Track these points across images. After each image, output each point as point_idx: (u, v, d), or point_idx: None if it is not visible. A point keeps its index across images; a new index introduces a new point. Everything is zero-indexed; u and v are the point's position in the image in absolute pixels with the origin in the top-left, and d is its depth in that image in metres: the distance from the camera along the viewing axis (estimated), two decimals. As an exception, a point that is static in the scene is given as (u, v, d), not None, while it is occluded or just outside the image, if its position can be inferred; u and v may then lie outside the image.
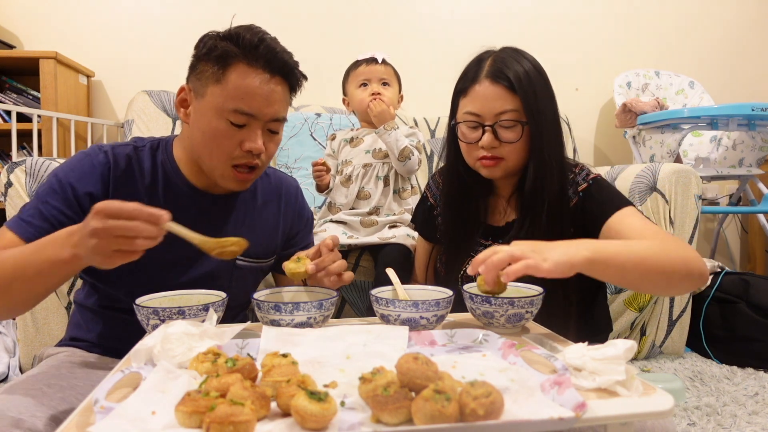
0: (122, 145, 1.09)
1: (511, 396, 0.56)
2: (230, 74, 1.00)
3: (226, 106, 1.00)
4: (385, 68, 1.81)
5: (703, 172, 2.58)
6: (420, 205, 1.39)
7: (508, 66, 1.11)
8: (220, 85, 1.00)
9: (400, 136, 1.68)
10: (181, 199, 1.09)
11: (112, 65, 2.74)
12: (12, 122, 2.31)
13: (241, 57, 1.00)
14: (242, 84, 0.99)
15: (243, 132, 1.02)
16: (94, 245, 0.78)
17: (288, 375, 0.58)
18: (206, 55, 1.01)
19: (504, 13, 2.97)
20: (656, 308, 2.04)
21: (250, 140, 1.02)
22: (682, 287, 1.03)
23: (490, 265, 0.84)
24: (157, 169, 1.09)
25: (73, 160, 1.05)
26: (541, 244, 0.89)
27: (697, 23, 3.12)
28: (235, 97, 0.99)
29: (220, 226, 1.13)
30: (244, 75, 1.00)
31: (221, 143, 1.02)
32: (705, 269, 0.99)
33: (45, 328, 1.71)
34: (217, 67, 1.00)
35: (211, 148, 1.03)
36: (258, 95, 1.01)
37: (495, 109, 1.11)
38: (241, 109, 1.00)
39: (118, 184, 1.05)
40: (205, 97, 1.01)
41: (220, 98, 1.00)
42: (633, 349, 0.62)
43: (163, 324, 0.73)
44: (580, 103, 3.01)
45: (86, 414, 0.55)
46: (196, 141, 1.05)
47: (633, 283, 0.99)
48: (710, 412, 1.55)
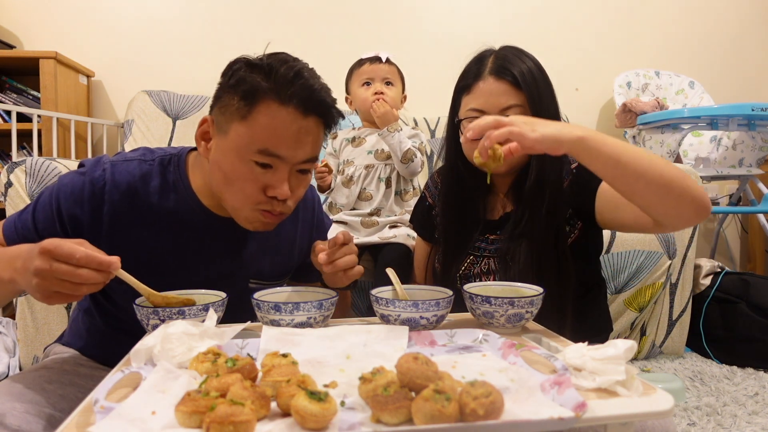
0: (126, 161, 0.99)
1: (511, 396, 0.56)
2: (258, 112, 0.88)
3: (252, 147, 0.89)
4: (389, 67, 1.80)
5: (703, 172, 2.58)
6: (418, 205, 1.38)
7: (511, 62, 1.12)
8: (246, 123, 0.89)
9: (403, 138, 1.68)
10: (193, 222, 1.00)
11: (112, 65, 2.74)
12: (12, 122, 2.32)
13: (273, 94, 0.88)
14: (271, 124, 0.88)
15: (268, 175, 0.91)
16: (36, 284, 0.74)
17: (288, 375, 0.58)
18: (233, 87, 0.90)
19: (504, 13, 2.97)
20: (656, 308, 2.04)
21: (275, 185, 0.91)
22: (683, 207, 0.91)
23: (478, 129, 0.85)
24: (168, 188, 0.99)
25: (72, 178, 0.97)
26: (535, 118, 0.89)
27: (697, 23, 3.12)
28: (262, 138, 0.89)
29: (240, 251, 1.05)
30: (274, 114, 0.88)
31: (244, 187, 0.91)
32: (705, 195, 0.92)
33: (45, 328, 1.71)
34: (245, 102, 0.89)
35: (233, 191, 0.93)
36: (288, 137, 0.89)
37: (500, 105, 1.10)
38: (268, 150, 0.89)
39: (114, 207, 0.96)
40: (229, 134, 0.91)
41: (245, 138, 0.89)
42: (633, 349, 0.62)
43: (163, 324, 0.73)
44: (580, 103, 3.01)
45: (86, 414, 0.55)
46: (216, 180, 0.95)
47: (627, 183, 0.90)
48: (710, 412, 1.55)
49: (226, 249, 1.04)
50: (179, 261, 1.00)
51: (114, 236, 0.96)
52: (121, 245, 0.93)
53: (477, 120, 0.89)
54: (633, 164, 0.87)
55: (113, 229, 0.96)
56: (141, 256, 0.96)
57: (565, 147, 0.86)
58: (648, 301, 1.97)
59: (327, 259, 0.95)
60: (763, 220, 2.74)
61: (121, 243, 0.95)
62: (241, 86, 0.89)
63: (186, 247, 1.00)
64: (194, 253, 1.01)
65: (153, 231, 0.98)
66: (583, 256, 1.17)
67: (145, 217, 0.98)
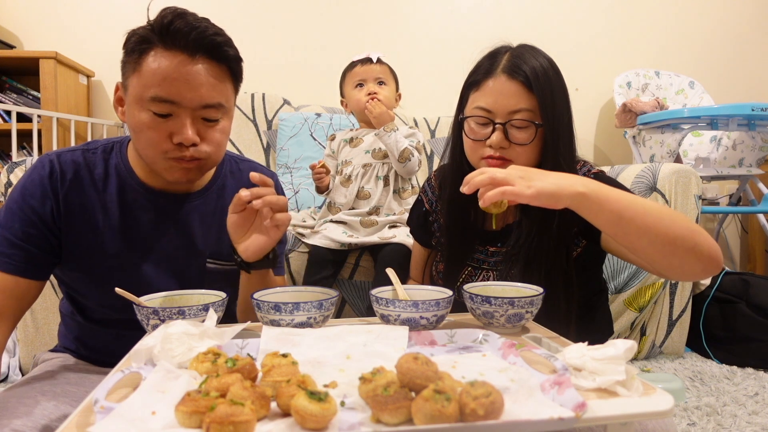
0: (70, 151, 1.04)
1: (511, 396, 0.56)
2: (146, 61, 0.91)
3: (145, 96, 0.91)
4: (380, 67, 1.80)
5: (703, 172, 2.58)
6: (415, 209, 1.33)
7: (525, 62, 1.05)
8: (138, 74, 0.92)
9: (399, 138, 1.68)
10: (138, 201, 1.04)
11: (112, 65, 2.72)
12: (12, 122, 2.32)
13: (157, 41, 0.91)
14: (158, 70, 0.90)
15: (170, 123, 0.93)
16: None
17: (288, 375, 0.58)
18: (126, 44, 0.94)
19: (504, 12, 2.97)
20: (656, 308, 2.04)
21: (177, 131, 0.93)
22: (689, 263, 0.87)
23: (473, 186, 0.84)
24: (109, 173, 1.03)
25: (25, 179, 1.01)
26: (534, 170, 0.85)
27: (697, 23, 3.12)
28: (152, 84, 0.91)
29: (185, 227, 1.08)
30: (160, 60, 0.90)
31: (149, 136, 0.93)
32: (717, 250, 0.87)
33: (45, 328, 1.71)
34: (137, 55, 0.92)
35: (142, 142, 0.95)
36: (177, 79, 0.91)
37: (509, 107, 1.04)
38: (159, 96, 0.91)
39: (67, 193, 1.00)
40: (128, 89, 0.95)
41: (138, 88, 0.92)
42: (633, 349, 0.62)
43: (163, 324, 0.73)
44: (580, 103, 2.99)
45: (86, 414, 0.55)
46: (133, 140, 0.99)
47: (630, 239, 0.86)
48: (710, 412, 1.55)
49: (172, 225, 1.06)
50: (129, 240, 1.04)
51: (71, 223, 1.00)
52: (77, 230, 1.00)
53: (471, 175, 0.86)
54: (636, 221, 0.84)
55: (69, 215, 1.00)
56: (93, 240, 1.01)
57: (564, 202, 0.83)
58: (648, 301, 1.97)
59: (251, 194, 0.92)
60: (763, 220, 2.74)
61: (77, 228, 1.00)
62: (132, 40, 0.93)
63: (134, 227, 1.04)
64: (143, 231, 1.04)
65: (102, 214, 1.02)
66: (587, 269, 1.14)
67: (93, 201, 1.02)
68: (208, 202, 1.10)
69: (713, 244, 0.87)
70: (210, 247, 1.09)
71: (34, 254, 0.97)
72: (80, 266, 1.02)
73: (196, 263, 1.09)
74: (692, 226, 0.87)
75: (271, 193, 0.93)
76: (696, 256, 0.86)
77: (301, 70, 2.76)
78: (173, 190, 1.06)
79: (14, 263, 0.96)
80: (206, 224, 1.09)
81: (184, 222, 1.08)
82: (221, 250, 1.09)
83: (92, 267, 1.02)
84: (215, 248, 1.10)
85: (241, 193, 0.92)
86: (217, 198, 1.12)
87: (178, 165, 0.96)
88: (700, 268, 0.88)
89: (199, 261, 1.09)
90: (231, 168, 1.16)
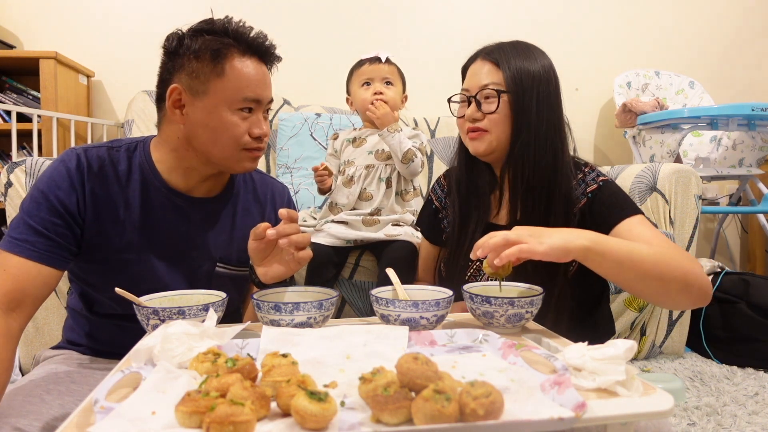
0: (96, 147, 1.08)
1: (511, 396, 0.56)
2: (230, 67, 1.01)
3: (237, 97, 1.02)
4: (388, 67, 1.80)
5: (703, 172, 2.58)
6: (425, 209, 1.38)
7: (501, 47, 1.17)
8: (225, 79, 1.01)
9: (403, 139, 1.68)
10: (158, 200, 1.08)
11: (112, 65, 2.75)
12: (12, 122, 2.32)
13: (234, 49, 1.02)
14: (243, 73, 1.02)
15: (250, 119, 1.05)
16: None
17: (288, 375, 0.58)
18: (197, 53, 1.02)
19: (504, 13, 2.97)
20: (656, 308, 2.04)
21: (256, 126, 1.05)
22: (680, 300, 1.01)
23: (488, 248, 0.88)
24: (133, 171, 1.08)
25: (52, 170, 1.03)
26: (540, 228, 0.91)
27: (697, 23, 3.12)
28: (242, 87, 1.02)
29: (200, 229, 1.12)
30: (242, 64, 1.02)
31: (233, 134, 1.03)
32: (707, 286, 0.98)
33: (45, 328, 1.71)
34: (217, 62, 1.01)
35: (222, 141, 1.03)
36: (258, 81, 1.04)
37: (480, 82, 1.15)
38: (249, 96, 1.03)
39: (93, 186, 1.03)
40: (209, 94, 1.01)
41: (229, 91, 1.01)
42: (633, 349, 0.62)
43: (163, 324, 0.73)
44: (580, 103, 3.01)
45: (86, 414, 0.55)
46: (201, 138, 1.04)
47: (628, 283, 0.97)
48: (710, 412, 1.55)
49: (189, 226, 1.10)
50: (147, 236, 1.07)
51: (94, 214, 1.03)
52: (99, 222, 1.03)
53: (485, 238, 0.90)
54: (635, 268, 0.94)
55: (93, 207, 1.03)
56: (113, 232, 1.05)
57: (572, 255, 0.90)
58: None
59: (277, 233, 0.96)
60: (763, 220, 2.74)
61: (99, 220, 1.03)
62: (207, 50, 1.01)
63: (153, 223, 1.08)
64: (160, 228, 1.08)
65: (123, 208, 1.06)
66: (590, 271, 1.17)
67: (116, 196, 1.06)
68: (223, 208, 1.16)
69: (704, 281, 0.98)
70: (220, 252, 1.14)
71: (57, 243, 0.99)
72: (97, 257, 1.05)
73: (206, 265, 1.13)
74: (685, 266, 0.96)
75: (296, 232, 0.98)
76: (686, 294, 0.98)
77: (301, 70, 2.75)
78: (194, 194, 1.12)
79: (38, 251, 0.96)
80: (219, 229, 1.14)
81: (199, 224, 1.12)
82: (230, 255, 1.15)
83: (108, 258, 1.05)
84: (225, 253, 1.14)
85: (268, 232, 0.96)
86: (230, 206, 1.17)
87: (251, 155, 1.07)
88: (690, 303, 1.01)
89: (209, 263, 1.13)
90: (243, 177, 1.22)
